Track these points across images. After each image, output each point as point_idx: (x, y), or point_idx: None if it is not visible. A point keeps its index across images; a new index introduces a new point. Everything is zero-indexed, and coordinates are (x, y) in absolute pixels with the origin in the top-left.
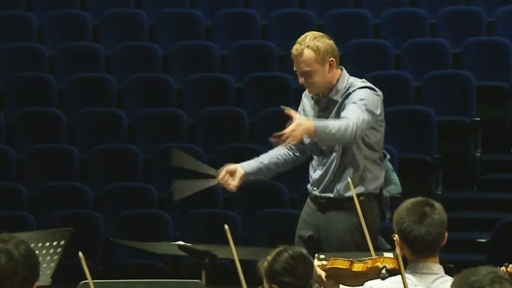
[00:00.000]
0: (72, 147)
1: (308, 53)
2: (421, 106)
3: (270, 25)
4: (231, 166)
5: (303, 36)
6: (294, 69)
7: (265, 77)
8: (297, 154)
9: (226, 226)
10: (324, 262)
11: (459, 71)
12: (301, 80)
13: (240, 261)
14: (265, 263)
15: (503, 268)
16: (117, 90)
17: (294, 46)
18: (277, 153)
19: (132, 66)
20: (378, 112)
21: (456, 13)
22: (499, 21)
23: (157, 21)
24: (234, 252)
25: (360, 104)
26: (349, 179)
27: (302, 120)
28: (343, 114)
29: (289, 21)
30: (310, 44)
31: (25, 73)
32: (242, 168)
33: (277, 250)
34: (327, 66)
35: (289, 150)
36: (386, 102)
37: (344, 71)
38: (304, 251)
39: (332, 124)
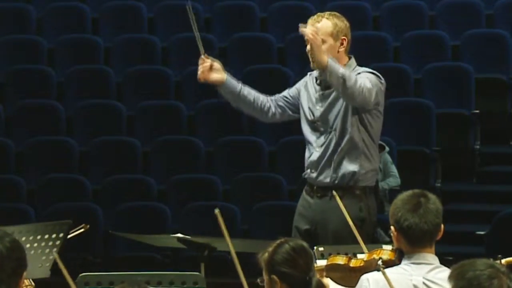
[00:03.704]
0: (71, 139)
1: (325, 23)
2: (421, 99)
3: (269, 18)
4: (218, 66)
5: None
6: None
7: (264, 70)
8: (276, 109)
9: (216, 210)
10: (323, 263)
11: (458, 64)
12: (309, 47)
13: (239, 253)
14: (266, 254)
15: (497, 261)
16: (116, 83)
17: (312, 16)
18: (259, 96)
19: (131, 59)
20: (379, 97)
21: (456, 5)
22: (498, 13)
23: (156, 14)
24: (229, 241)
25: (368, 79)
26: (334, 192)
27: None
28: None
29: (289, 13)
30: (330, 18)
31: (24, 66)
32: (225, 78)
33: (278, 241)
34: (338, 43)
35: (272, 101)
36: (385, 95)
37: (353, 59)
38: (305, 243)
39: (348, 74)
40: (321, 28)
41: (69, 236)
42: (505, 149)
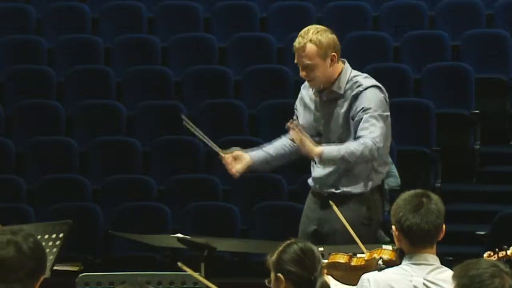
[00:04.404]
0: (71, 139)
1: (310, 47)
2: (420, 99)
3: (269, 18)
4: (239, 152)
5: (305, 29)
6: (296, 61)
7: (264, 70)
8: (294, 147)
9: (179, 264)
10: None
11: (458, 64)
12: (302, 73)
13: (239, 253)
14: (274, 255)
15: (503, 252)
16: (116, 83)
17: (297, 40)
18: (282, 144)
19: (131, 59)
20: (388, 112)
21: (455, 5)
22: (498, 13)
23: (156, 13)
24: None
25: (372, 116)
26: (331, 202)
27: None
28: (359, 133)
29: (288, 13)
30: (313, 38)
31: (24, 66)
32: (250, 160)
33: (287, 242)
34: (328, 60)
35: (293, 141)
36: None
37: (347, 64)
38: (314, 246)
39: (344, 149)
40: (307, 54)
41: (63, 269)
42: (505, 149)
